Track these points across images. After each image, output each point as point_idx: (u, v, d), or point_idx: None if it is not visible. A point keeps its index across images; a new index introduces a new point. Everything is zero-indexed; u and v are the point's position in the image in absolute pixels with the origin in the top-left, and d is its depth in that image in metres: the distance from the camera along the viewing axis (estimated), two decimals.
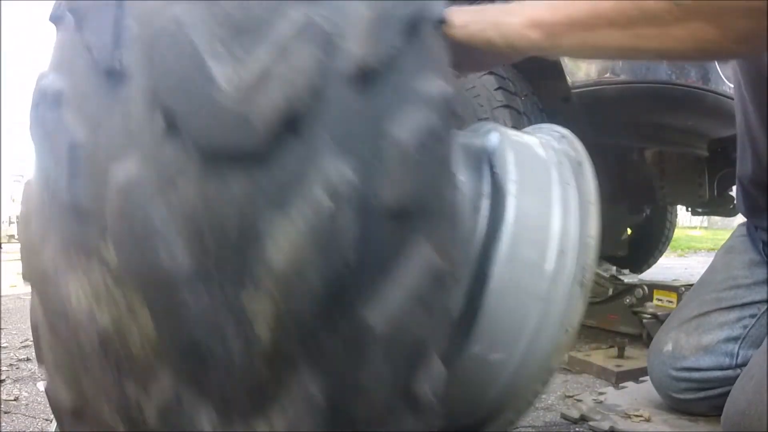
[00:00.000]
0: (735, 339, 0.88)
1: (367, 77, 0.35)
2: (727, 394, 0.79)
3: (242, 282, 0.31)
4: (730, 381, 0.83)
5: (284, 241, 0.31)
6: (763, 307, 0.89)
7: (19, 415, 0.91)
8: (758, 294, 0.89)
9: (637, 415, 0.91)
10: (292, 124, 0.32)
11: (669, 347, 0.91)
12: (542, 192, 0.49)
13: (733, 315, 0.89)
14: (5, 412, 0.92)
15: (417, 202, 0.35)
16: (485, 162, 0.51)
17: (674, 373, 0.90)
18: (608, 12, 0.50)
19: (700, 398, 0.89)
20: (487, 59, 0.60)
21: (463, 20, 0.55)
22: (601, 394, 1.05)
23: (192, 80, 0.32)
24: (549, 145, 0.55)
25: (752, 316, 0.89)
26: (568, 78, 1.26)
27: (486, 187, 0.49)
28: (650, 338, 1.20)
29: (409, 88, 0.37)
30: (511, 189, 0.48)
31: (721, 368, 0.88)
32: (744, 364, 0.84)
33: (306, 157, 0.32)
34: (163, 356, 0.33)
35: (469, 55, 0.55)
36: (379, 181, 0.34)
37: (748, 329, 0.88)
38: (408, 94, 0.36)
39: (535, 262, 0.46)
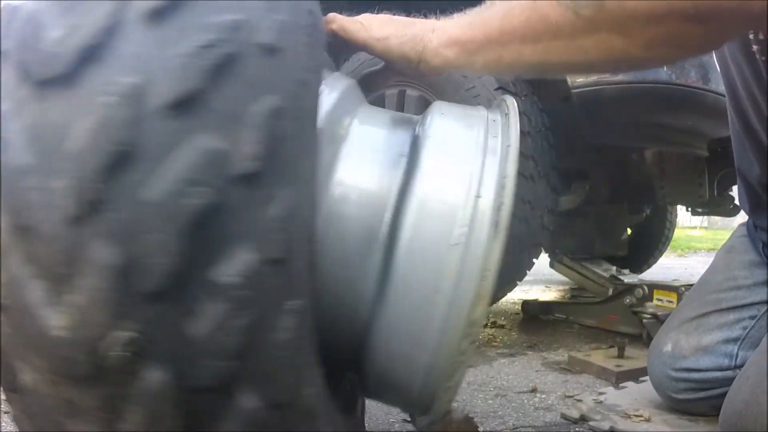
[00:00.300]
0: (734, 340, 0.88)
1: None
2: (726, 394, 0.79)
3: None
4: (729, 381, 0.83)
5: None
6: (763, 309, 0.89)
7: None
8: (758, 295, 0.89)
9: (637, 415, 0.91)
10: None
11: (669, 347, 0.91)
12: (461, 143, 0.49)
13: (733, 316, 0.89)
14: (5, 412, 0.92)
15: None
16: (411, 126, 0.53)
17: (673, 374, 0.90)
18: (518, 28, 0.51)
19: (699, 398, 0.89)
20: (397, 69, 0.62)
21: (385, 33, 0.57)
22: (601, 394, 1.05)
23: None
24: (481, 107, 0.56)
25: (752, 317, 0.89)
26: (568, 78, 1.26)
27: (406, 147, 0.50)
28: (650, 338, 1.20)
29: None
30: (427, 143, 0.48)
31: (721, 369, 0.88)
32: (743, 365, 0.85)
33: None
34: None
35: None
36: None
37: (747, 330, 0.88)
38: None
39: (449, 209, 0.45)
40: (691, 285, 1.18)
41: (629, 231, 2.66)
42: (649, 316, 1.53)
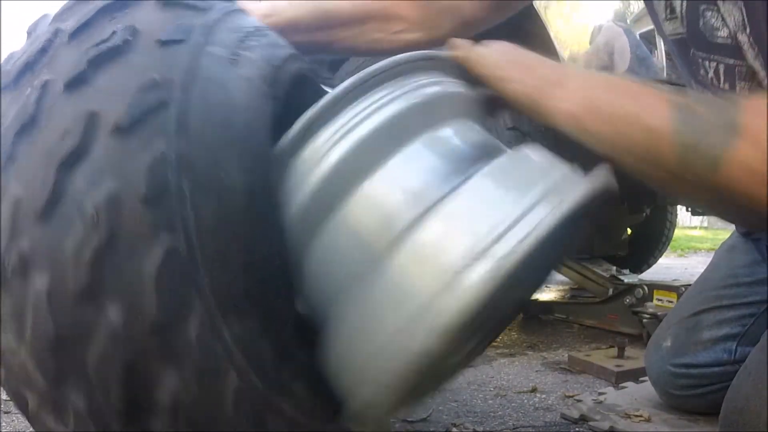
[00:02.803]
0: (734, 336, 0.88)
1: None
2: (724, 390, 0.79)
3: None
4: (728, 377, 0.83)
5: None
6: (763, 307, 0.89)
7: (19, 414, 0.91)
8: (758, 293, 0.89)
9: (637, 415, 0.91)
10: None
11: (668, 343, 0.92)
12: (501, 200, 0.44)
13: (733, 313, 0.89)
14: (5, 412, 0.92)
15: None
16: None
17: (673, 369, 0.90)
18: (629, 141, 0.50)
19: (697, 394, 0.89)
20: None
21: (510, 75, 0.53)
22: (601, 394, 1.05)
23: None
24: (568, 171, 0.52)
25: (752, 315, 0.89)
26: None
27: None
28: (650, 338, 1.20)
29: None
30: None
31: (720, 364, 0.88)
32: (742, 360, 0.85)
33: None
34: None
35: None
36: None
37: (747, 327, 0.88)
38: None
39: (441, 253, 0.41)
40: (691, 285, 1.18)
41: (629, 231, 2.66)
42: (649, 316, 1.53)
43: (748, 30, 0.56)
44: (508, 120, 1.29)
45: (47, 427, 0.41)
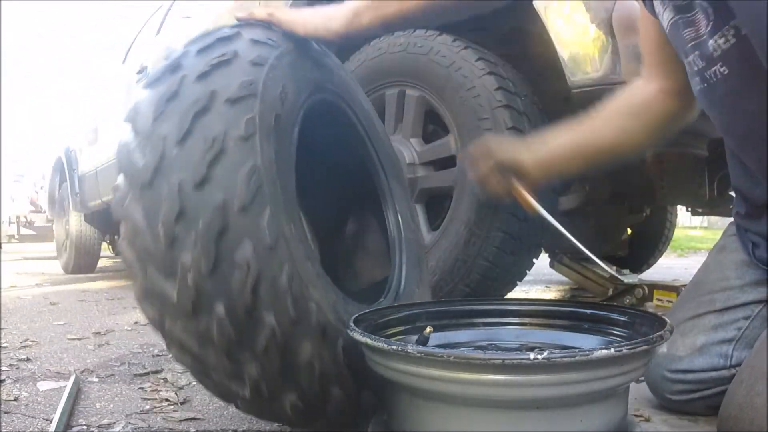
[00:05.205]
0: (729, 341, 0.88)
1: None
2: (721, 393, 0.79)
3: None
4: (725, 381, 0.83)
5: None
6: (756, 308, 0.88)
7: (19, 415, 0.91)
8: (750, 295, 0.89)
9: (637, 415, 0.91)
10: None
11: (663, 349, 0.91)
12: None
13: (727, 317, 0.89)
14: (5, 412, 0.92)
15: None
16: None
17: (669, 375, 0.90)
18: None
19: (694, 399, 0.89)
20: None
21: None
22: None
23: None
24: None
25: (746, 317, 0.88)
26: (568, 78, 1.26)
27: None
28: None
29: None
30: None
31: (715, 369, 0.87)
32: (738, 365, 0.84)
33: None
34: None
35: None
36: None
37: (742, 331, 0.88)
38: None
39: None
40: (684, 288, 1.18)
41: (629, 231, 2.66)
42: None
43: None
44: (508, 120, 1.29)
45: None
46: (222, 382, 0.66)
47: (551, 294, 2.63)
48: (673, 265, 4.15)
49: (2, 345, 1.46)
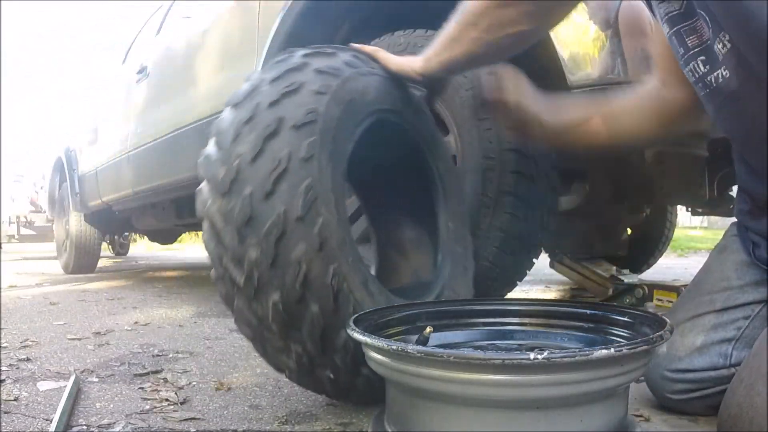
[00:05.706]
0: (729, 340, 0.88)
1: None
2: (721, 393, 0.79)
3: None
4: (724, 380, 0.83)
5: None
6: (756, 308, 0.89)
7: (19, 415, 0.91)
8: (750, 295, 0.89)
9: (637, 415, 0.91)
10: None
11: (663, 348, 0.91)
12: None
13: (727, 317, 0.89)
14: (5, 412, 0.92)
15: None
16: None
17: (669, 374, 0.90)
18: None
19: (694, 398, 0.89)
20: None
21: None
22: None
23: None
24: None
25: (745, 317, 0.88)
26: (568, 78, 1.26)
27: None
28: None
29: None
30: None
31: (715, 368, 0.87)
32: (738, 364, 0.85)
33: None
34: None
35: None
36: None
37: (741, 330, 0.88)
38: None
39: None
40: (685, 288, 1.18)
41: (629, 231, 2.66)
42: None
43: None
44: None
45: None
46: (275, 354, 0.81)
47: (551, 294, 2.63)
48: (673, 265, 4.15)
49: (2, 345, 1.46)
